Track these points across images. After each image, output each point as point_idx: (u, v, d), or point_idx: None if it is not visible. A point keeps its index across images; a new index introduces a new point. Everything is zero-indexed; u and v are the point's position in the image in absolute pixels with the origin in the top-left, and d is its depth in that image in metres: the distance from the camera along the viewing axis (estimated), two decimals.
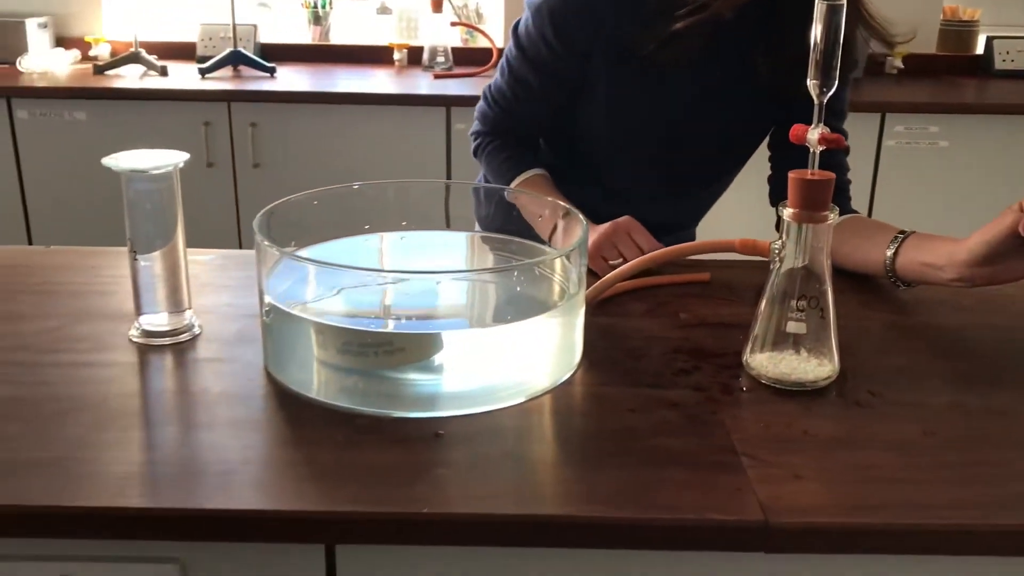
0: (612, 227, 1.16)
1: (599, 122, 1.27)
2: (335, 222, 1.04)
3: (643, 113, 1.26)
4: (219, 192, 2.71)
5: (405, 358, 0.85)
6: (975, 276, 0.97)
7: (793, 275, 0.88)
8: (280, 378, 0.88)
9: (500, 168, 1.33)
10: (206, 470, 0.74)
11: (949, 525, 0.70)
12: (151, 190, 0.92)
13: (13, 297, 1.06)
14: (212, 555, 0.74)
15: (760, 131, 1.32)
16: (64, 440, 0.78)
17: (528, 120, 1.34)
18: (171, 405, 0.85)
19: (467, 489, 0.73)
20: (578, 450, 0.79)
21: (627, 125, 1.27)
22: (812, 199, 0.85)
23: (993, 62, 3.12)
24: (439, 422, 0.82)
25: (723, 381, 0.90)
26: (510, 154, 1.33)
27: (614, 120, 1.27)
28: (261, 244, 0.87)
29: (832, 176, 0.85)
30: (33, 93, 2.65)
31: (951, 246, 1.00)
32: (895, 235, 1.08)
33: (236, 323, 1.00)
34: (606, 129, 1.28)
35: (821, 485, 0.74)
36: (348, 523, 0.70)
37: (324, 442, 0.78)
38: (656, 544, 0.72)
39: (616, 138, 1.29)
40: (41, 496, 0.71)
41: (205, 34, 3.06)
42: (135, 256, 0.94)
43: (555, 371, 0.90)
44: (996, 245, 0.94)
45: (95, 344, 0.95)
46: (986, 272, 0.96)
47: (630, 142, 1.29)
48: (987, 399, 0.88)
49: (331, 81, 2.87)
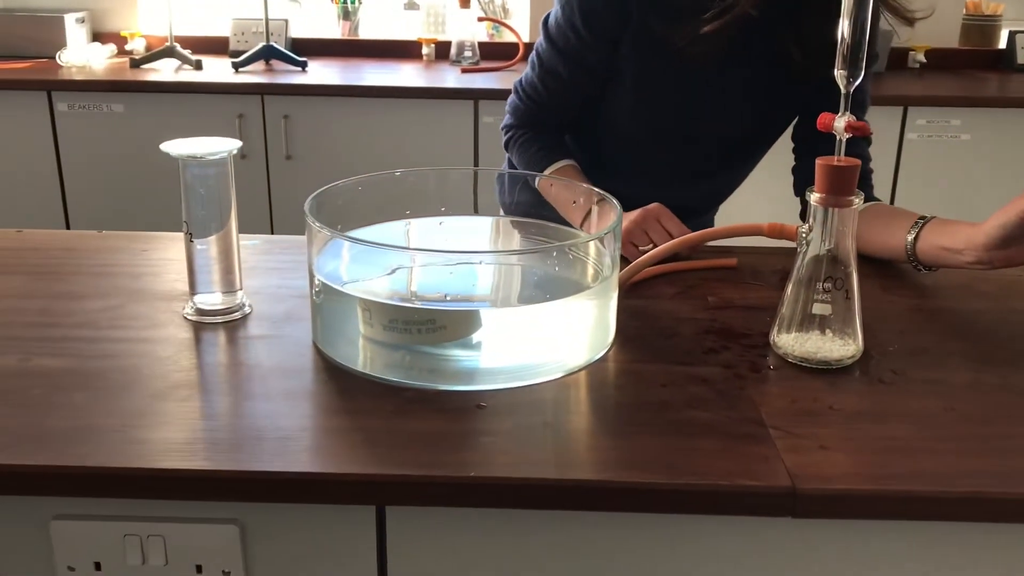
0: (642, 214, 1.20)
1: (625, 111, 1.31)
2: (377, 207, 1.09)
3: (670, 104, 1.30)
4: (253, 183, 2.77)
5: (447, 335, 0.90)
6: (993, 259, 1.01)
7: (819, 258, 0.92)
8: (329, 353, 0.93)
9: (532, 159, 1.37)
10: (263, 436, 0.79)
11: (965, 492, 0.74)
12: (206, 175, 0.97)
13: (73, 278, 1.12)
14: (269, 516, 0.79)
15: (784, 121, 1.36)
16: (127, 409, 0.83)
17: (558, 111, 1.37)
18: (226, 378, 0.90)
19: (510, 456, 0.77)
20: (613, 421, 0.83)
21: (653, 114, 1.31)
22: (839, 184, 0.88)
23: (1016, 56, 3.13)
24: (481, 395, 0.86)
25: (751, 359, 0.94)
26: (541, 145, 1.37)
27: (640, 110, 1.31)
28: (312, 226, 0.92)
29: (858, 162, 0.89)
30: (72, 86, 2.72)
31: (969, 230, 1.03)
32: (916, 220, 1.12)
33: (284, 303, 1.05)
34: (632, 118, 1.32)
35: (846, 455, 0.78)
36: (398, 485, 0.75)
37: (373, 412, 0.83)
38: (688, 508, 0.76)
39: (641, 127, 1.33)
40: (107, 459, 0.76)
41: (238, 29, 3.12)
42: (191, 238, 0.98)
43: (590, 349, 0.94)
44: (1012, 228, 0.97)
45: (152, 322, 1.00)
46: (1004, 255, 1.00)
47: (655, 132, 1.33)
48: (1005, 378, 0.92)
49: (361, 75, 2.93)
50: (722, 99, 1.30)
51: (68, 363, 0.91)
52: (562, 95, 1.35)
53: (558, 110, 1.37)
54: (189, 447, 0.77)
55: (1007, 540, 0.78)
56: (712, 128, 1.33)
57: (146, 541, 0.79)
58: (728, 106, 1.30)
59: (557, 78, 1.32)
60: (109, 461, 0.75)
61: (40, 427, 0.79)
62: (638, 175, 1.38)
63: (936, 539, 0.78)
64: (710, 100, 1.30)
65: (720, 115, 1.31)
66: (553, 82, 1.33)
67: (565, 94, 1.34)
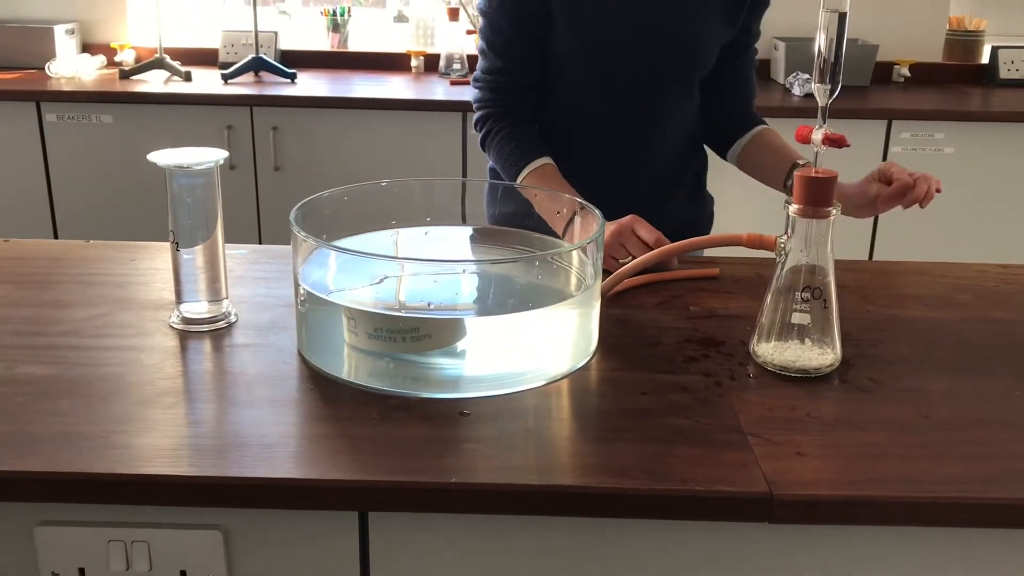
0: (617, 227, 1.21)
1: (565, 46, 1.35)
2: (363, 217, 1.10)
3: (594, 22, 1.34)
4: (242, 194, 2.78)
5: (431, 343, 0.91)
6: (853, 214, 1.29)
7: (798, 268, 0.93)
8: (314, 361, 0.94)
9: (509, 158, 1.37)
10: (247, 443, 0.80)
11: (938, 498, 0.75)
12: (193, 185, 0.98)
13: (60, 287, 1.12)
14: (253, 522, 0.80)
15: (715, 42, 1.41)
16: (112, 416, 0.84)
17: (519, 72, 1.39)
18: (211, 385, 0.91)
19: (492, 462, 0.78)
20: (595, 428, 0.84)
21: (591, 37, 1.34)
22: (817, 195, 0.90)
23: (998, 71, 3.17)
24: (464, 403, 0.87)
25: (731, 368, 0.95)
26: (518, 143, 1.38)
27: (572, 38, 1.34)
28: (298, 236, 0.93)
29: (835, 173, 0.91)
30: (61, 97, 2.72)
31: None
32: (792, 165, 1.36)
33: (270, 312, 1.06)
34: (572, 49, 1.35)
35: (822, 461, 0.79)
36: (381, 491, 0.75)
37: (357, 419, 0.84)
38: (667, 514, 0.77)
39: (585, 56, 1.36)
40: (92, 465, 0.76)
41: (227, 41, 3.13)
42: (177, 247, 0.99)
43: (573, 357, 0.95)
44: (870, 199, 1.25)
45: (138, 330, 1.01)
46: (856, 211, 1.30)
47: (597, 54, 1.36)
48: (980, 386, 0.93)
49: (350, 87, 2.94)
50: (653, 15, 1.34)
51: (54, 371, 0.91)
52: (515, 48, 1.37)
53: (517, 71, 1.38)
54: (174, 453, 0.78)
55: (981, 544, 0.79)
56: (650, 47, 1.36)
57: (130, 547, 0.79)
58: (660, 23, 1.35)
59: (503, 36, 1.36)
60: (94, 467, 0.76)
61: (25, 434, 0.80)
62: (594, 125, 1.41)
63: (911, 544, 0.79)
64: (639, 18, 1.34)
65: (653, 32, 1.35)
66: (503, 43, 1.36)
67: (518, 45, 1.37)
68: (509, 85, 1.40)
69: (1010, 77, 3.16)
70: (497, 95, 1.40)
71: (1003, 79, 3.16)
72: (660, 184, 1.46)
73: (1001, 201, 2.80)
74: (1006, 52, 3.18)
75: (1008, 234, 2.83)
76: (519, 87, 1.40)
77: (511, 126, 1.39)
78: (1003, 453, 0.81)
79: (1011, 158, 2.78)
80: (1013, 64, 3.17)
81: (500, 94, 1.40)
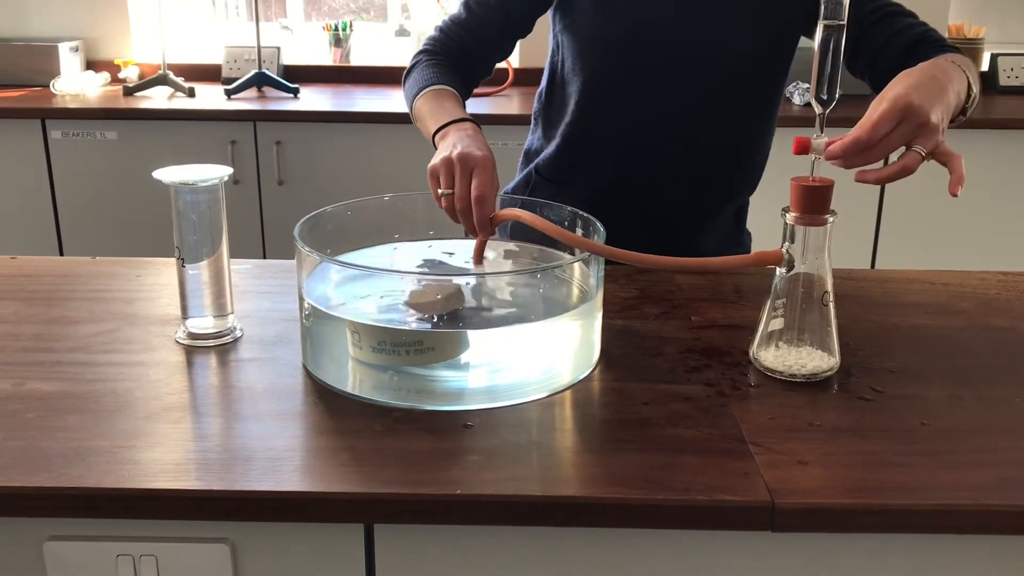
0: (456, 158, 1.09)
1: (588, 35, 1.26)
2: (367, 231, 1.11)
3: (642, 10, 1.22)
4: (245, 209, 2.79)
5: (435, 356, 0.91)
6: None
7: (796, 275, 0.94)
8: (318, 375, 0.95)
9: (416, 81, 1.30)
10: (254, 456, 0.81)
11: (940, 506, 0.75)
12: (198, 202, 0.99)
13: (67, 303, 1.13)
14: (260, 535, 0.81)
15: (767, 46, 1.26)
16: (120, 431, 0.84)
17: (477, 32, 1.33)
18: (217, 400, 0.92)
19: (496, 473, 0.79)
20: (597, 439, 0.85)
21: (617, 30, 1.25)
22: (813, 203, 0.91)
23: (998, 79, 3.18)
24: (468, 415, 0.88)
25: (732, 377, 0.96)
26: (436, 72, 1.29)
27: (602, 26, 1.24)
28: (302, 250, 0.94)
29: (832, 182, 0.91)
30: (66, 114, 2.74)
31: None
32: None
33: (275, 326, 1.07)
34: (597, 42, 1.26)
35: (824, 470, 0.80)
36: (386, 503, 0.76)
37: (362, 432, 0.85)
38: (670, 523, 0.77)
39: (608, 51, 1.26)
40: (100, 480, 0.77)
41: (230, 56, 3.15)
42: (183, 263, 1.00)
43: (575, 368, 0.96)
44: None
45: (145, 345, 1.02)
46: None
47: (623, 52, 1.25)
48: (981, 393, 0.94)
49: (352, 101, 2.95)
50: (685, 11, 1.20)
51: (62, 387, 0.92)
52: (489, 13, 1.32)
53: (475, 32, 1.33)
54: (181, 468, 0.79)
55: (984, 552, 0.80)
56: (684, 49, 1.22)
57: (138, 561, 0.80)
58: (694, 22, 1.20)
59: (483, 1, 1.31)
60: (102, 482, 0.77)
61: (34, 449, 0.81)
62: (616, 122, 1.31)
63: (913, 552, 0.80)
64: (671, 11, 1.21)
65: (687, 30, 1.20)
66: (478, 5, 1.32)
67: (493, 11, 1.32)
68: (461, 38, 1.34)
69: (1010, 84, 3.17)
70: (447, 40, 1.35)
71: (1003, 86, 3.17)
72: (692, 208, 1.32)
73: (1002, 208, 2.81)
74: (1006, 59, 3.19)
75: (1009, 242, 2.84)
76: (471, 47, 1.34)
77: (441, 64, 1.32)
78: (1005, 461, 0.82)
79: (1011, 165, 2.79)
80: (1013, 71, 3.18)
81: (450, 42, 1.34)
